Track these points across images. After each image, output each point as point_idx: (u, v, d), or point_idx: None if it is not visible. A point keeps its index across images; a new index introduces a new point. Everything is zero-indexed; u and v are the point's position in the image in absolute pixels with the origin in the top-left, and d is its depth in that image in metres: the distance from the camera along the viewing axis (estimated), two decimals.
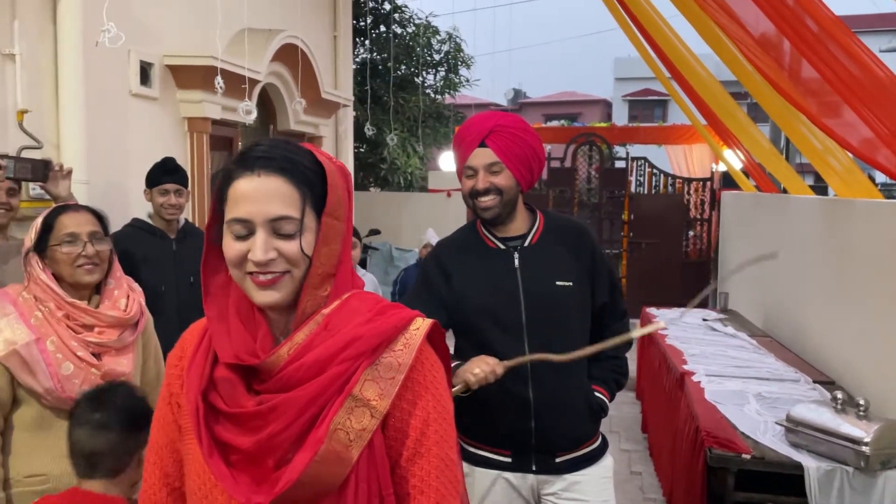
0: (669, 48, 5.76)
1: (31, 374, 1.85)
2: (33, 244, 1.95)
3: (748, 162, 7.10)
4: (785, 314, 5.02)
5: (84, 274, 1.95)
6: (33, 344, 1.86)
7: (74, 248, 1.93)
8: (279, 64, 5.40)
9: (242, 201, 1.03)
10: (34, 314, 1.90)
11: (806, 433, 2.78)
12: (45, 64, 3.51)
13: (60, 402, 1.88)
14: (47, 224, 1.95)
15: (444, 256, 2.19)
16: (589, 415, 2.13)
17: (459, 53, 11.44)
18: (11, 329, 1.85)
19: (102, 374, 1.93)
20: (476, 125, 2.07)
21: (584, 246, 2.14)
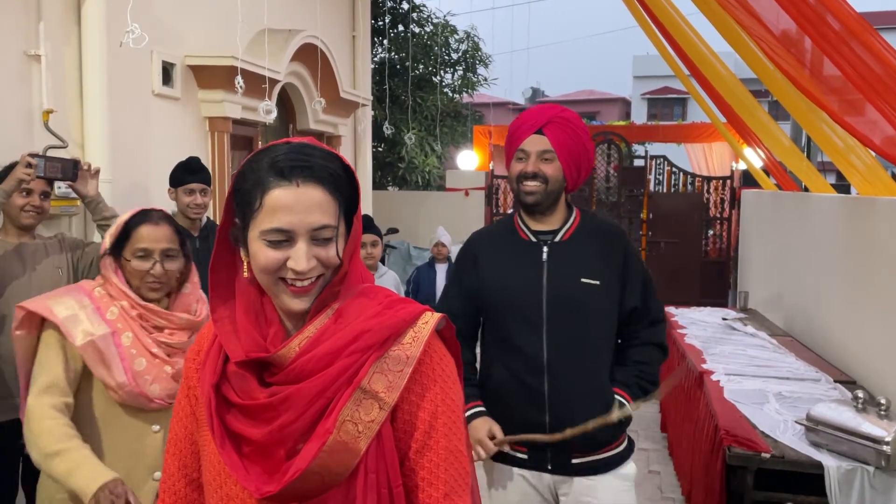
0: (689, 46, 5.73)
1: (106, 366, 1.84)
2: (109, 247, 1.94)
3: (769, 160, 7.05)
4: (805, 313, 4.98)
5: (149, 291, 1.94)
6: (109, 337, 1.85)
7: (144, 264, 1.92)
8: (298, 64, 5.45)
9: (282, 211, 1.04)
10: (110, 309, 1.90)
11: (826, 432, 2.77)
12: (69, 65, 3.56)
13: (132, 397, 1.87)
14: (126, 231, 1.94)
15: (476, 245, 2.23)
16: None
17: (477, 52, 11.45)
18: (90, 320, 1.85)
19: (174, 373, 1.93)
20: (537, 113, 2.12)
21: (618, 247, 2.12)
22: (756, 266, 7.30)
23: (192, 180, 3.34)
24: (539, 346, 2.06)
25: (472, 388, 2.17)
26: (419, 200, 9.71)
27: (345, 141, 6.83)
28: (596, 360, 2.10)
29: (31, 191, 2.74)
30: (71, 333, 1.82)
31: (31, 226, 2.80)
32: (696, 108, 26.73)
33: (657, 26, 6.23)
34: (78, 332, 1.83)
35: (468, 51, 11.39)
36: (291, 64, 5.25)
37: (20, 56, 3.29)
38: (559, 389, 2.05)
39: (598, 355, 2.11)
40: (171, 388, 1.92)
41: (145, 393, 1.87)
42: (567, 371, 2.05)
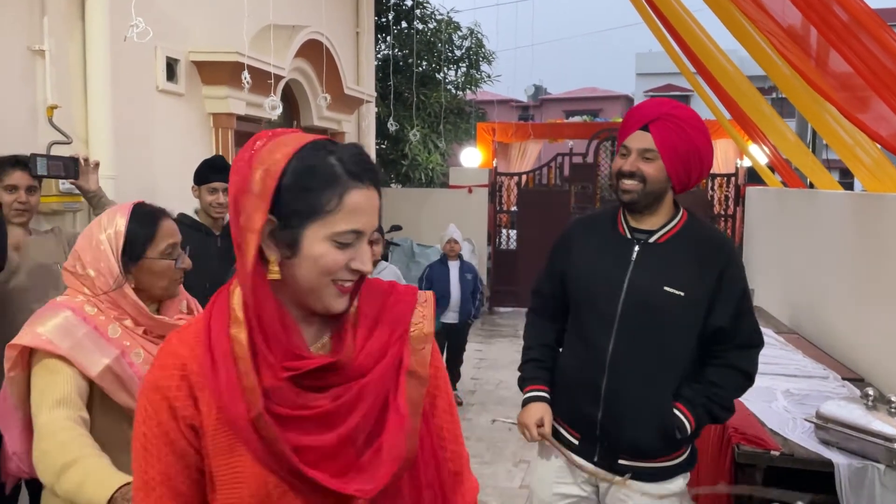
0: (694, 42, 5.70)
1: (127, 390, 1.67)
2: (121, 253, 1.70)
3: (774, 157, 7.02)
4: (812, 311, 4.96)
5: (176, 286, 1.81)
6: (121, 358, 1.67)
7: (184, 261, 1.79)
8: (302, 60, 5.43)
9: (359, 213, 1.04)
10: (110, 327, 1.69)
11: (836, 430, 2.74)
12: (73, 60, 3.55)
13: None
14: (144, 231, 1.73)
15: (574, 231, 2.21)
16: (658, 431, 2.01)
17: (481, 49, 11.42)
18: (95, 345, 1.65)
19: None
20: (645, 108, 2.03)
21: (716, 261, 2.01)
22: (761, 263, 7.27)
23: (217, 179, 3.31)
24: (606, 343, 2.02)
25: (541, 371, 2.20)
26: (422, 198, 9.68)
27: (348, 138, 6.82)
28: (663, 370, 2.02)
29: (15, 187, 2.70)
30: (83, 364, 1.62)
31: (20, 223, 2.76)
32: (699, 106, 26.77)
33: (662, 22, 6.20)
34: (91, 361, 1.63)
35: (471, 47, 11.36)
36: (295, 60, 5.24)
37: (24, 51, 3.28)
38: (617, 390, 2.01)
39: (667, 366, 2.02)
40: None
41: None
42: (629, 373, 2.00)
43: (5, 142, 3.09)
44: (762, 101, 5.92)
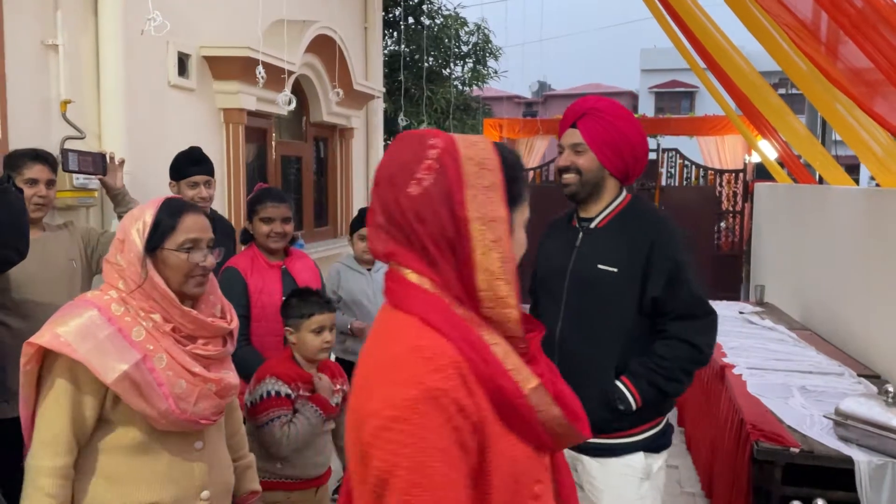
0: (705, 37, 5.67)
1: (145, 397, 1.62)
2: (145, 243, 1.68)
3: (784, 152, 6.99)
4: (825, 307, 4.94)
5: (195, 286, 1.74)
6: (142, 364, 1.61)
7: (195, 255, 1.72)
8: (312, 55, 5.41)
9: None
10: (134, 329, 1.64)
11: (856, 427, 2.73)
12: (86, 55, 3.53)
13: (177, 424, 1.68)
14: (166, 223, 1.71)
15: (546, 231, 2.40)
16: (602, 404, 2.08)
17: (488, 45, 11.39)
18: (115, 349, 1.60)
19: (218, 389, 1.75)
20: (573, 107, 2.25)
21: (646, 235, 2.12)
22: (771, 260, 7.24)
23: (197, 172, 3.20)
24: (555, 326, 2.18)
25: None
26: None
27: (357, 133, 6.80)
28: (605, 345, 2.14)
29: (36, 181, 2.68)
30: (100, 371, 1.58)
31: (38, 217, 2.74)
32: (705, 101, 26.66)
33: (672, 17, 6.17)
34: (108, 367, 1.58)
35: (478, 43, 11.33)
36: (305, 55, 5.21)
37: (38, 46, 3.26)
38: (566, 368, 2.04)
39: (609, 342, 2.14)
40: (217, 404, 1.75)
41: (192, 417, 1.68)
42: (575, 352, 2.14)
43: (19, 137, 3.08)
44: (773, 95, 5.89)
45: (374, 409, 0.96)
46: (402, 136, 1.11)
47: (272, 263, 2.98)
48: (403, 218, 1.03)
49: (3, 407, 2.49)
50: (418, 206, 1.02)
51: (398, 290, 1.06)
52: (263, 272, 2.94)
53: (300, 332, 2.51)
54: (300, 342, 2.53)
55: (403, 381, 0.96)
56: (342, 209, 6.66)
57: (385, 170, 1.07)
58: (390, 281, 1.08)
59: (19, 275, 2.59)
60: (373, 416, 0.96)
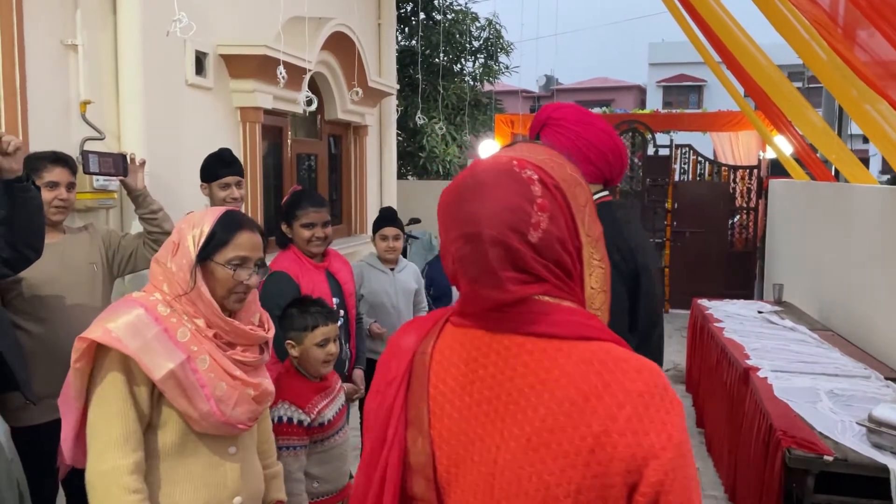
0: (721, 28, 5.61)
1: (188, 398, 1.64)
2: (198, 252, 1.71)
3: (800, 147, 6.92)
4: (846, 307, 4.88)
5: (235, 301, 1.76)
6: (186, 364, 1.64)
7: (242, 273, 1.74)
8: (327, 52, 5.36)
9: None
10: (179, 331, 1.67)
11: (890, 434, 2.69)
12: (105, 55, 3.49)
13: (217, 426, 1.70)
14: (221, 236, 1.73)
15: None
16: None
17: (499, 40, 11.31)
18: (163, 348, 1.63)
19: (255, 395, 1.77)
20: (534, 119, 2.18)
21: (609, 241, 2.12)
22: (787, 257, 7.18)
23: (227, 173, 3.17)
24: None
25: None
26: (440, 190, 9.55)
27: (371, 131, 6.76)
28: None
29: (56, 183, 2.64)
30: (149, 367, 1.60)
31: (59, 220, 2.70)
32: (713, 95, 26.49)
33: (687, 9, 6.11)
34: (156, 364, 1.61)
35: (490, 38, 11.25)
36: (321, 53, 5.17)
37: (57, 46, 3.23)
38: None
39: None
40: (253, 409, 1.77)
41: (230, 420, 1.70)
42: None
43: (39, 137, 3.05)
44: (789, 87, 5.81)
45: (661, 445, 0.88)
46: (482, 174, 1.00)
47: (318, 265, 3.00)
48: (534, 263, 0.97)
49: (30, 412, 2.47)
50: (542, 250, 0.97)
51: (567, 319, 0.97)
52: (312, 274, 2.95)
53: (303, 344, 2.44)
54: (304, 355, 2.45)
55: (668, 410, 0.91)
56: (356, 207, 6.63)
57: (493, 221, 0.96)
58: (547, 313, 0.97)
59: (39, 279, 2.55)
60: (662, 451, 0.88)
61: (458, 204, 1.00)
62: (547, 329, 0.96)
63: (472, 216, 0.97)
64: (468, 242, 0.97)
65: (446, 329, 1.07)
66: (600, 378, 0.92)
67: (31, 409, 2.42)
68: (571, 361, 0.94)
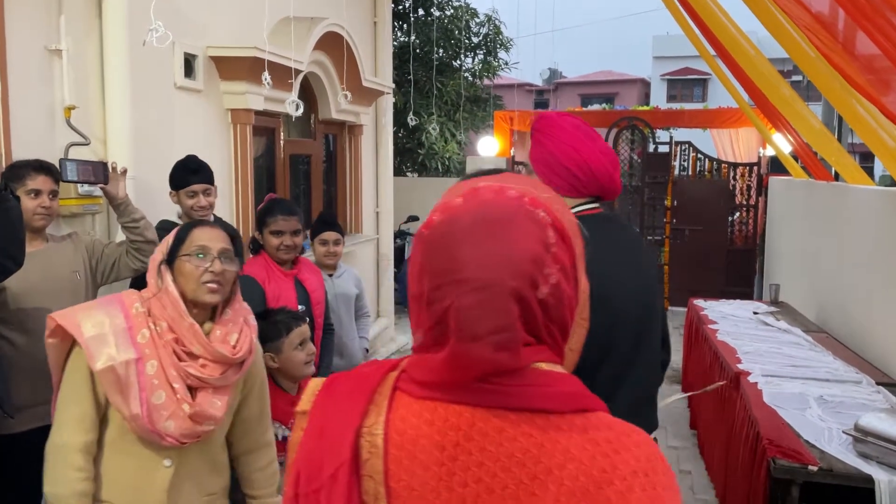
0: (715, 24, 5.56)
1: (123, 395, 1.71)
2: (165, 256, 1.84)
3: (798, 145, 6.87)
4: (842, 309, 4.85)
5: (207, 293, 1.81)
6: (133, 364, 1.72)
7: (203, 262, 1.82)
8: (320, 52, 5.34)
9: None
10: (141, 331, 1.76)
11: (876, 444, 2.66)
12: (91, 59, 3.48)
13: (142, 431, 1.74)
14: (180, 236, 1.86)
15: None
16: None
17: (498, 36, 11.27)
18: (117, 342, 1.72)
19: (192, 413, 1.77)
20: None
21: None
22: (785, 257, 7.15)
23: (195, 181, 3.16)
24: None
25: None
26: (439, 187, 9.48)
27: (366, 130, 6.73)
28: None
29: (39, 191, 2.64)
30: (93, 355, 1.70)
31: (42, 227, 2.71)
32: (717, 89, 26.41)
33: (683, 5, 6.06)
34: (100, 354, 1.70)
35: (489, 34, 11.21)
36: (314, 53, 5.14)
37: (41, 51, 3.21)
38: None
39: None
40: (186, 428, 1.77)
41: (157, 430, 1.73)
42: None
43: (23, 144, 3.04)
44: (784, 85, 5.76)
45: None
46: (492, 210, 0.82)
47: (286, 273, 3.05)
48: (540, 324, 0.82)
49: (8, 422, 2.47)
50: (550, 308, 0.82)
51: (564, 391, 0.83)
52: (279, 281, 2.99)
53: (283, 352, 2.45)
54: (285, 362, 2.46)
55: (668, 485, 0.80)
56: (351, 207, 6.61)
57: (516, 270, 0.79)
58: (543, 384, 0.82)
59: (22, 287, 2.55)
60: None
61: (460, 242, 0.81)
62: (544, 404, 0.80)
63: (488, 260, 0.79)
64: (478, 291, 0.78)
65: (399, 401, 0.85)
66: (608, 460, 0.78)
67: (9, 419, 2.42)
68: (575, 443, 0.79)
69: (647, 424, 2.07)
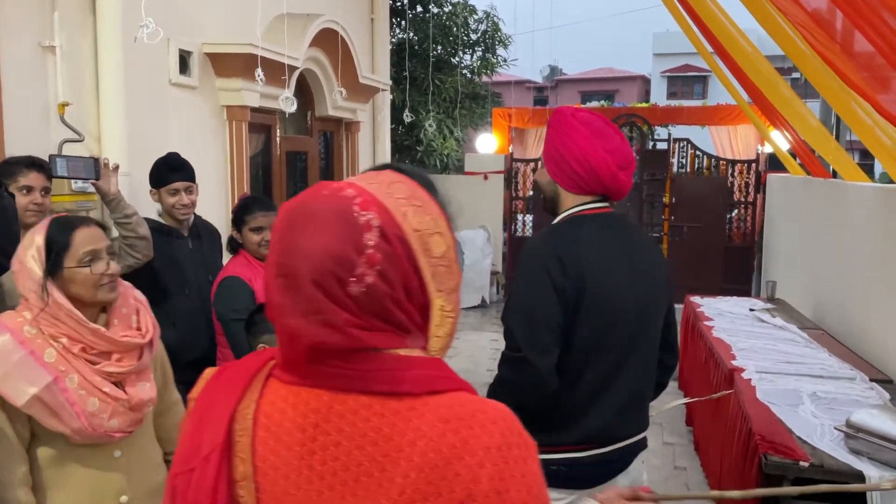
0: (713, 22, 5.55)
1: (57, 416, 1.69)
2: (46, 268, 1.72)
3: (796, 143, 6.87)
4: (837, 306, 4.86)
5: (108, 292, 1.79)
6: (53, 385, 1.67)
7: (98, 266, 1.77)
8: (317, 49, 5.34)
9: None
10: (46, 351, 1.70)
11: (867, 440, 2.66)
12: (85, 56, 3.49)
13: (92, 439, 1.76)
14: (59, 243, 1.75)
15: None
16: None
17: (497, 33, 11.25)
18: (25, 372, 1.66)
19: (131, 405, 1.80)
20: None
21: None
22: (783, 254, 7.15)
23: (176, 178, 3.08)
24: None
25: None
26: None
27: (364, 127, 6.73)
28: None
29: (31, 188, 2.63)
30: (10, 395, 1.65)
31: (33, 224, 2.71)
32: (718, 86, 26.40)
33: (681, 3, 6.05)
34: (18, 391, 1.65)
35: (487, 31, 11.19)
36: (310, 49, 5.15)
37: (35, 48, 3.22)
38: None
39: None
40: (130, 418, 1.81)
41: (104, 432, 1.75)
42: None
43: (17, 140, 3.05)
44: (782, 84, 5.76)
45: (522, 501, 0.83)
46: (316, 205, 0.88)
47: None
48: (356, 310, 0.85)
49: None
50: (365, 304, 0.85)
51: (417, 374, 0.87)
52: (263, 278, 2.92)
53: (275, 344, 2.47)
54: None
55: (525, 458, 0.85)
56: None
57: (313, 262, 0.84)
58: (395, 368, 0.86)
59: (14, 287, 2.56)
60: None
61: (279, 230, 0.89)
62: (397, 387, 0.85)
63: (292, 251, 0.86)
64: (282, 277, 0.86)
65: (270, 386, 0.91)
66: (458, 436, 0.83)
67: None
68: (426, 421, 0.84)
69: (634, 426, 2.04)
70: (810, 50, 3.92)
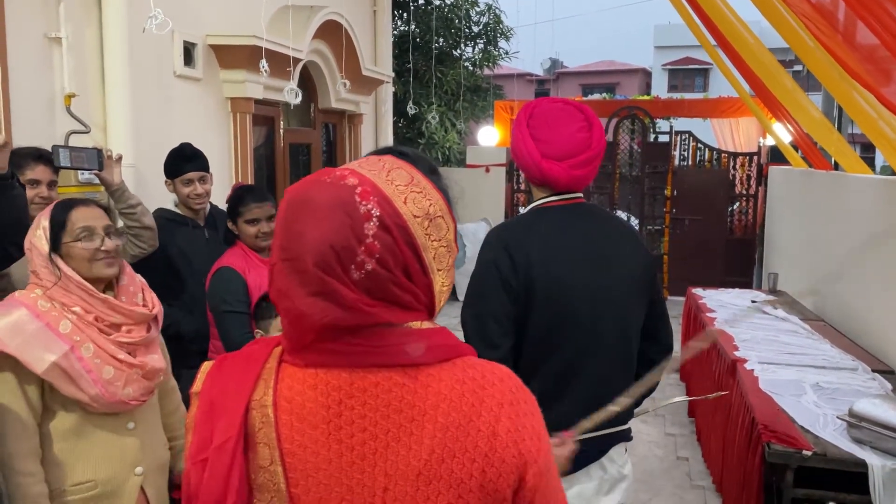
0: (715, 13, 5.55)
1: (74, 384, 1.78)
2: (50, 245, 1.84)
3: (798, 135, 6.87)
4: (839, 297, 4.87)
5: (104, 267, 1.87)
6: (70, 354, 1.77)
7: (92, 242, 1.86)
8: (320, 41, 5.34)
9: None
10: (62, 323, 1.79)
11: (870, 429, 2.69)
12: (90, 47, 3.49)
13: (108, 406, 1.84)
14: (58, 222, 1.86)
15: None
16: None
17: (499, 25, 11.23)
18: (43, 342, 1.75)
19: (144, 373, 1.89)
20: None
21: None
22: (785, 246, 7.16)
23: (190, 168, 3.09)
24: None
25: None
26: None
27: (366, 119, 6.74)
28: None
29: (38, 181, 2.64)
30: (29, 362, 1.73)
31: None
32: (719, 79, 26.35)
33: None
34: (36, 358, 1.74)
35: (489, 24, 11.17)
36: (313, 42, 5.15)
37: (41, 39, 3.23)
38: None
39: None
40: (145, 386, 1.90)
41: (121, 399, 1.84)
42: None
43: (23, 132, 3.06)
44: (785, 76, 5.75)
45: (535, 448, 0.92)
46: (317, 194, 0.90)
47: (264, 260, 2.93)
48: (358, 293, 0.89)
49: None
50: (369, 289, 0.89)
51: (431, 345, 0.93)
52: (259, 269, 2.89)
53: (269, 332, 2.48)
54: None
55: (532, 412, 0.95)
56: None
57: (315, 251, 0.87)
58: (409, 342, 0.92)
59: (23, 274, 2.56)
60: (538, 454, 0.92)
61: (289, 217, 0.91)
62: (415, 359, 0.91)
63: (295, 237, 0.89)
64: (286, 261, 0.89)
65: (284, 372, 0.93)
66: (475, 395, 0.91)
67: None
68: (445, 385, 0.91)
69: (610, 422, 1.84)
70: (814, 41, 3.92)
